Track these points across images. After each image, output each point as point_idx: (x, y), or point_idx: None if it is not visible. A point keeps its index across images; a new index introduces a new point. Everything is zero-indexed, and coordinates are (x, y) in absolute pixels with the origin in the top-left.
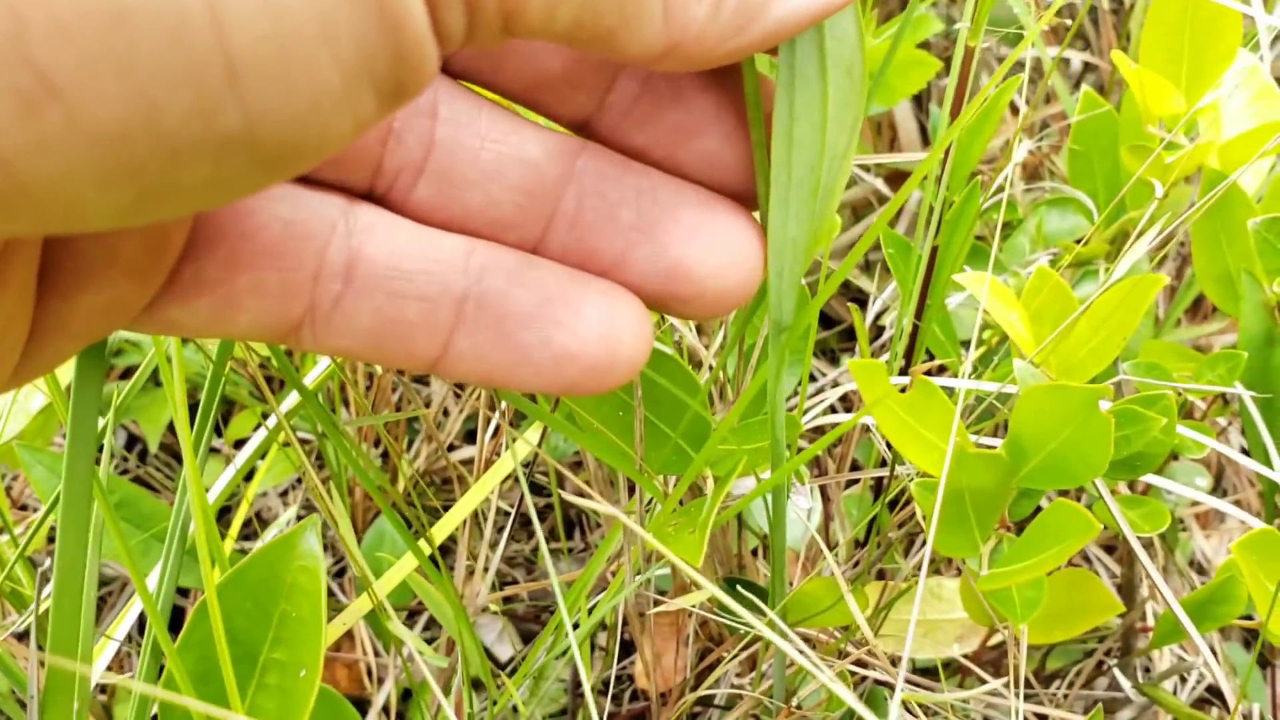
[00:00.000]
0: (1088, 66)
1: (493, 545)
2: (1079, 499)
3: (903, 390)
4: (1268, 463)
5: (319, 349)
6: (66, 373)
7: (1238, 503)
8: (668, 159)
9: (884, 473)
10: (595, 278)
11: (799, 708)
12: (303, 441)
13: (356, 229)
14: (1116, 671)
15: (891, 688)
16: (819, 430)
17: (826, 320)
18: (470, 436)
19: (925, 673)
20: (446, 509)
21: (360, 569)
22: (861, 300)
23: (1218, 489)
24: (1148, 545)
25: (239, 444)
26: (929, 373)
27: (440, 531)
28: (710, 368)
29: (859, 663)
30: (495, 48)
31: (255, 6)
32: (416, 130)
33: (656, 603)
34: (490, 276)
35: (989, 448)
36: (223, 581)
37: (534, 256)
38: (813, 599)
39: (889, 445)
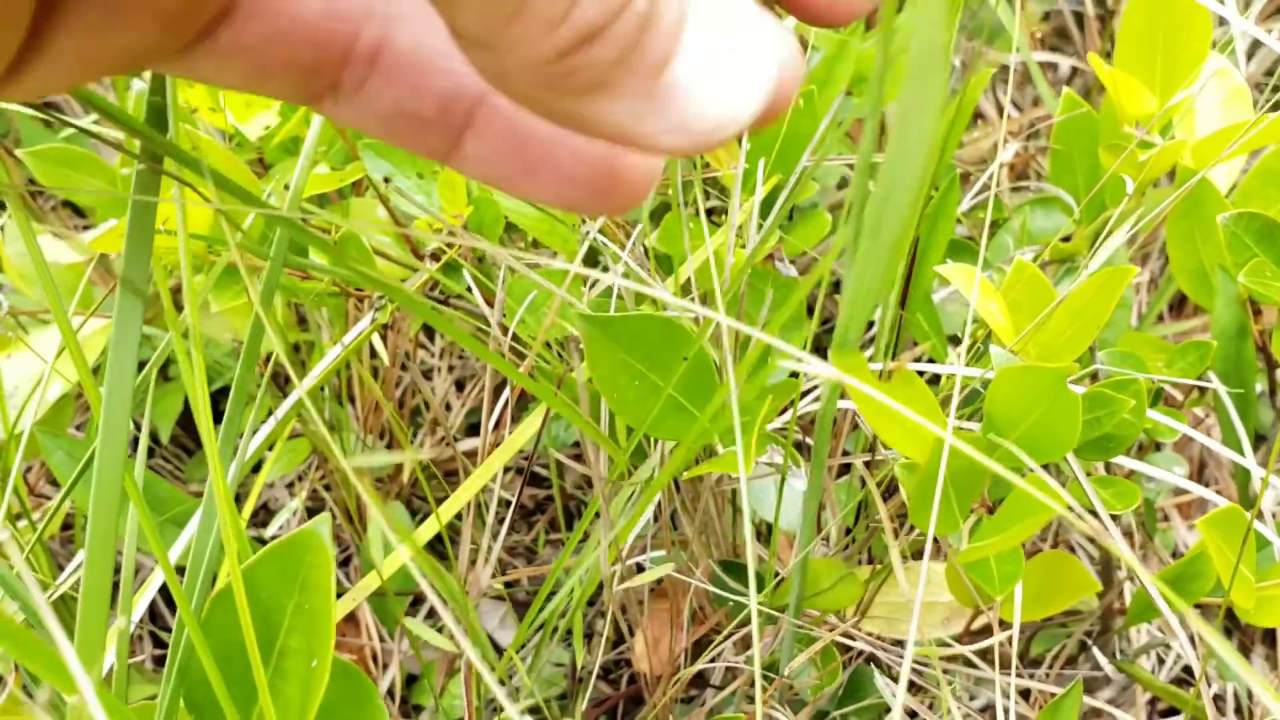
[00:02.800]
0: (1075, 71)
1: (494, 534)
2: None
3: (884, 377)
4: (1240, 449)
5: (336, 120)
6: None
7: (1217, 494)
8: None
9: (868, 457)
10: None
11: (790, 686)
12: (312, 434)
13: (393, 15)
14: (1095, 650)
15: (880, 664)
16: (811, 420)
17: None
18: (472, 430)
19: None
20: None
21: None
22: None
23: (1199, 481)
24: (1127, 533)
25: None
26: (915, 360)
27: (451, 506)
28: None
29: (847, 635)
30: None
31: None
32: None
33: (653, 589)
34: None
35: (968, 430)
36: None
37: None
38: (813, 577)
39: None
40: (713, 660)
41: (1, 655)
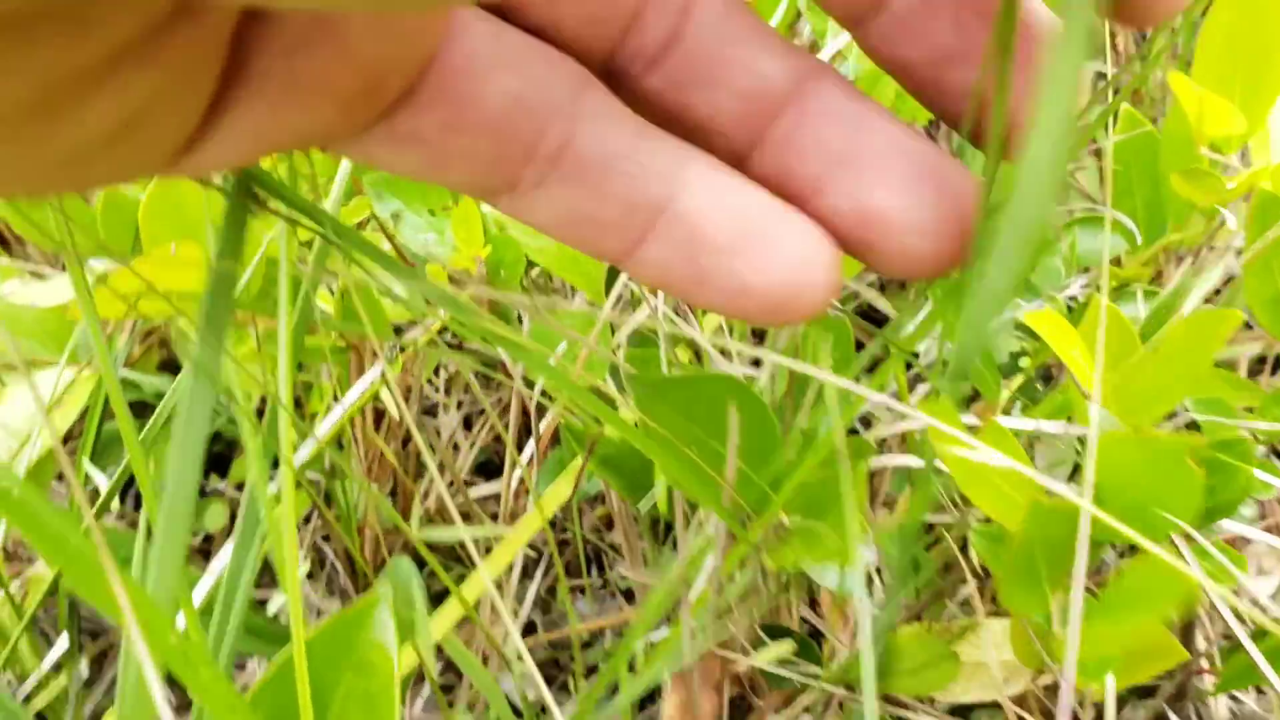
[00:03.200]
0: (1098, 77)
1: (519, 598)
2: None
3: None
4: None
5: (514, 216)
6: (72, 411)
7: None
8: (930, 82)
9: (941, 519)
10: (794, 212)
11: None
12: (310, 483)
13: (579, 114)
14: (1173, 716)
15: None
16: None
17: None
18: (480, 469)
19: (964, 713)
20: (458, 549)
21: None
22: (879, 321)
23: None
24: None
25: (241, 486)
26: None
27: (471, 589)
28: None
29: (902, 705)
30: None
31: None
32: (668, 15)
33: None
34: (693, 194)
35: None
36: (288, 652)
37: (740, 179)
38: (905, 652)
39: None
40: None
41: None
